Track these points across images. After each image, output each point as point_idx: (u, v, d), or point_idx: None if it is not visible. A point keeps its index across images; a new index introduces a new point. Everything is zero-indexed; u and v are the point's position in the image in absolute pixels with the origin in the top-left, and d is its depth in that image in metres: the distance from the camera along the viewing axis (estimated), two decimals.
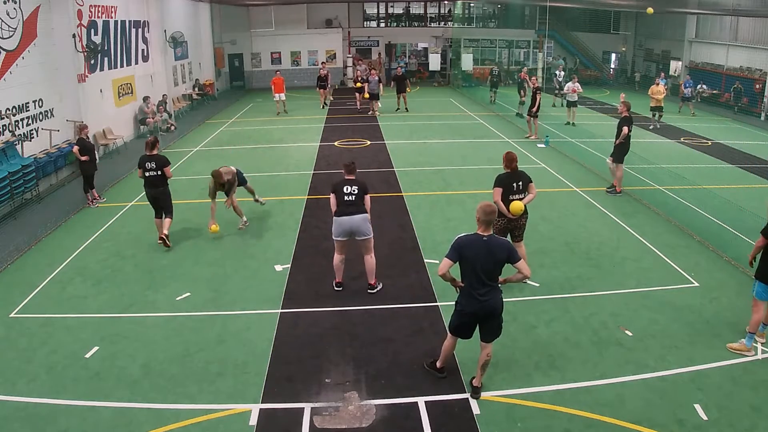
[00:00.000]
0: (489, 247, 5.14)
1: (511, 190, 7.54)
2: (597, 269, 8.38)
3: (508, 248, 5.25)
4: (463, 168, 13.73)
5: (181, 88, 22.49)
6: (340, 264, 7.62)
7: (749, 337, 6.29)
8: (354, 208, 7.26)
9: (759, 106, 22.68)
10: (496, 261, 5.16)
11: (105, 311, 7.21)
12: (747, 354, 6.25)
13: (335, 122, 20.25)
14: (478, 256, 5.12)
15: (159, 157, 9.06)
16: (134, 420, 5.26)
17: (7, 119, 11.25)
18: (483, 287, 5.18)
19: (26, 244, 9.27)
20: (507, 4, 32.47)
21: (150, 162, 8.96)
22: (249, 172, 13.55)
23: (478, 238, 5.18)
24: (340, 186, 7.41)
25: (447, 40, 32.35)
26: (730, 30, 25.27)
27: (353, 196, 7.29)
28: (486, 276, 5.15)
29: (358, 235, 7.35)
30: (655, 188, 12.24)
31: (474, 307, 5.25)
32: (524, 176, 7.70)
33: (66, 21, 13.31)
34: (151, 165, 8.95)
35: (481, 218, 5.16)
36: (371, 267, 7.57)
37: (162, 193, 9.07)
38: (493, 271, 5.19)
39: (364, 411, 5.35)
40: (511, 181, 7.57)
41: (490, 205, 5.21)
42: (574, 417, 5.26)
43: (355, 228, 7.28)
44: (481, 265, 5.12)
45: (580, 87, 20.24)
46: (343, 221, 7.28)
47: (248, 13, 29.69)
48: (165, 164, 9.03)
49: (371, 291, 7.61)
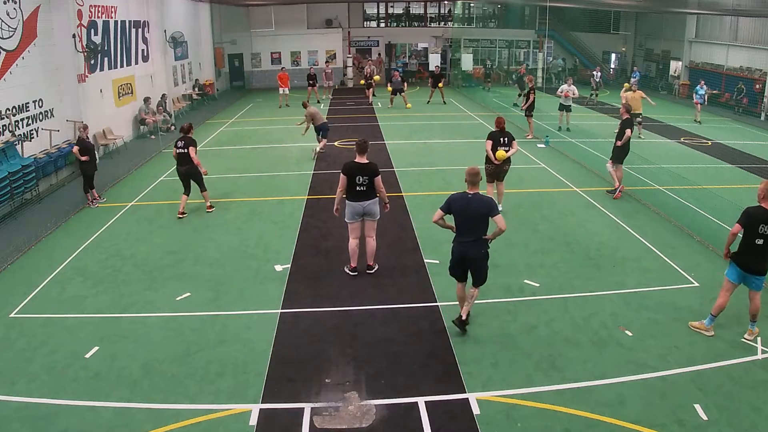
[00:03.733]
0: (472, 203, 6.24)
1: (498, 143, 9.92)
2: (597, 269, 8.38)
3: (488, 205, 6.27)
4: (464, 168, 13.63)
5: (181, 88, 22.50)
6: (355, 248, 8.03)
7: (710, 319, 6.62)
8: (365, 197, 7.72)
9: (759, 106, 22.68)
10: (478, 214, 6.22)
11: (105, 311, 7.21)
12: (706, 333, 6.59)
13: (335, 122, 20.20)
14: (462, 209, 6.27)
15: (189, 139, 10.28)
16: (134, 420, 5.25)
17: (7, 119, 11.26)
18: (466, 236, 6.31)
19: (26, 244, 9.27)
20: (507, 4, 32.48)
21: (181, 141, 10.23)
22: (249, 172, 13.62)
23: (465, 195, 6.32)
24: (351, 172, 7.65)
25: (447, 40, 32.35)
26: (730, 30, 25.26)
27: (364, 186, 7.65)
28: (468, 226, 6.27)
29: (368, 217, 7.84)
30: (655, 188, 12.24)
31: (459, 250, 6.41)
32: (509, 135, 10.04)
33: (66, 21, 13.31)
34: (181, 144, 10.20)
35: (467, 179, 6.37)
36: (372, 249, 8.06)
37: (189, 170, 10.27)
38: (475, 223, 6.26)
39: (364, 411, 5.35)
40: (499, 137, 9.98)
41: (474, 168, 6.40)
42: (574, 417, 5.26)
43: (367, 210, 7.79)
44: (465, 217, 6.26)
45: (576, 90, 18.36)
46: (355, 205, 7.75)
47: (248, 13, 29.68)
48: (191, 144, 10.23)
49: (370, 271, 8.08)
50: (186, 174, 10.34)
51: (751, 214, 6.25)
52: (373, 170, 7.70)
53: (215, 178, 12.68)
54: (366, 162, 7.74)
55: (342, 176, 7.70)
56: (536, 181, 12.88)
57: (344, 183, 7.68)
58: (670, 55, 29.37)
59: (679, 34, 28.29)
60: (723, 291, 6.56)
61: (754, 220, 6.20)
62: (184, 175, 10.36)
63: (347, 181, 7.66)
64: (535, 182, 12.76)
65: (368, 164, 7.74)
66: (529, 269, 8.27)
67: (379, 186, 7.77)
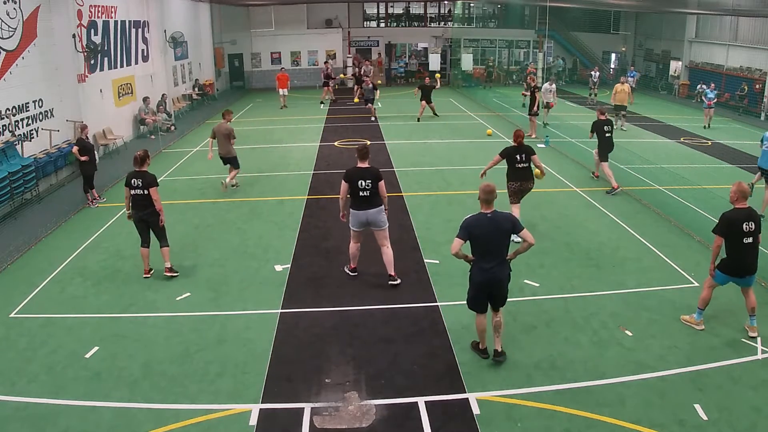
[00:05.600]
0: (494, 222, 5.74)
1: (515, 160, 9.05)
2: (597, 269, 8.38)
3: (511, 220, 5.84)
4: (464, 168, 13.72)
5: (180, 88, 22.49)
6: (356, 252, 7.96)
7: (699, 313, 6.72)
8: (368, 204, 7.50)
9: (759, 106, 22.67)
10: (502, 232, 5.75)
11: (105, 311, 7.21)
12: (696, 327, 6.68)
13: (335, 122, 20.25)
14: (485, 233, 5.72)
15: (147, 176, 7.79)
16: (134, 420, 5.25)
17: (7, 119, 11.25)
18: (490, 260, 5.76)
19: (26, 244, 9.27)
20: (507, 4, 32.47)
21: (137, 178, 7.75)
22: (249, 172, 13.61)
23: (483, 216, 5.78)
24: (354, 178, 7.47)
25: (447, 40, 32.34)
26: (730, 30, 25.27)
27: (368, 191, 7.45)
28: (493, 249, 5.76)
29: (374, 226, 7.64)
30: (655, 188, 12.24)
31: (482, 277, 5.81)
32: (528, 150, 9.14)
33: (66, 21, 13.31)
34: (137, 182, 7.74)
35: (482, 197, 5.80)
36: (389, 258, 7.80)
37: (150, 215, 7.82)
38: (500, 244, 5.78)
39: (364, 411, 5.35)
40: (515, 153, 9.05)
41: (489, 185, 5.81)
42: (574, 417, 5.26)
43: (371, 220, 7.59)
44: (489, 239, 5.74)
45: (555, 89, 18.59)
46: (359, 214, 7.56)
47: (248, 13, 29.68)
48: (151, 183, 7.74)
49: (393, 283, 7.73)
50: (144, 221, 7.90)
51: (730, 218, 6.33)
52: (375, 174, 7.50)
53: (215, 177, 12.69)
54: (368, 167, 7.59)
55: (343, 183, 7.52)
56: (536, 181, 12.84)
57: (345, 190, 7.51)
58: (670, 55, 29.37)
59: (679, 34, 28.29)
60: (707, 287, 6.70)
61: (736, 221, 6.28)
62: (141, 222, 7.92)
63: (349, 188, 7.47)
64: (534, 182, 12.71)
65: (370, 168, 7.56)
66: (529, 269, 8.27)
67: (383, 191, 7.57)
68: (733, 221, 6.30)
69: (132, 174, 7.82)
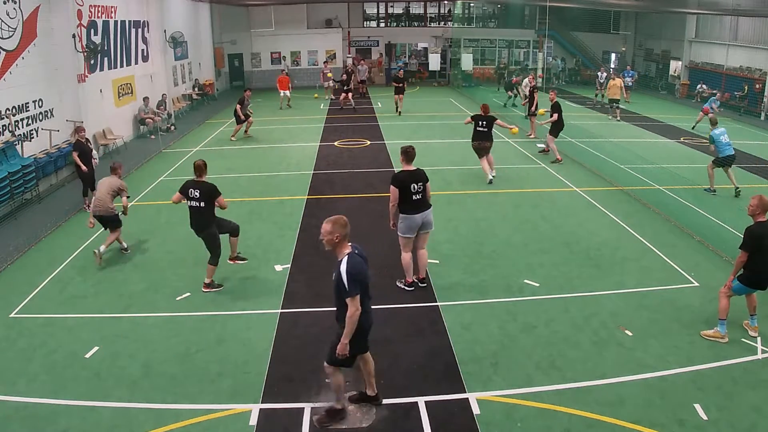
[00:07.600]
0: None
1: (478, 124, 12.37)
2: (597, 269, 8.38)
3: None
4: (464, 168, 13.72)
5: (180, 88, 22.48)
6: (410, 261, 7.61)
7: (722, 324, 6.49)
8: (423, 206, 7.41)
9: (759, 106, 22.67)
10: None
11: (105, 311, 7.21)
12: (721, 341, 6.44)
13: (335, 122, 20.25)
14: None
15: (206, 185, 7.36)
16: (134, 420, 5.25)
17: (7, 119, 11.25)
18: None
19: (26, 244, 9.27)
20: (507, 4, 32.45)
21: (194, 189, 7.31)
22: (249, 172, 13.62)
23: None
24: (405, 183, 7.31)
25: (447, 40, 32.34)
26: (730, 30, 25.26)
27: (420, 194, 7.37)
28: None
29: (427, 228, 7.52)
30: (655, 188, 12.24)
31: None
32: (490, 118, 12.37)
33: (66, 21, 13.31)
34: (195, 193, 7.29)
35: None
36: (425, 261, 7.73)
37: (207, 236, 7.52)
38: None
39: (364, 411, 5.35)
40: (479, 119, 12.40)
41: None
42: (574, 417, 5.26)
43: (426, 221, 7.46)
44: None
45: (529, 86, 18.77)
46: (415, 218, 7.35)
47: (248, 13, 29.68)
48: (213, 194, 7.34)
49: (423, 285, 7.72)
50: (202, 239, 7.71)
51: (756, 233, 6.24)
52: (425, 177, 7.44)
53: (215, 177, 12.66)
54: (415, 169, 7.47)
55: (393, 189, 7.30)
56: (536, 181, 12.87)
57: (396, 197, 7.30)
58: (670, 55, 29.36)
59: (679, 34, 28.29)
60: (724, 296, 6.52)
61: (763, 236, 6.20)
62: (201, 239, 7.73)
63: (401, 194, 7.27)
64: (535, 182, 12.75)
65: (418, 171, 7.47)
66: (529, 269, 8.27)
67: (429, 192, 7.51)
68: (760, 236, 6.22)
69: (190, 183, 7.38)
